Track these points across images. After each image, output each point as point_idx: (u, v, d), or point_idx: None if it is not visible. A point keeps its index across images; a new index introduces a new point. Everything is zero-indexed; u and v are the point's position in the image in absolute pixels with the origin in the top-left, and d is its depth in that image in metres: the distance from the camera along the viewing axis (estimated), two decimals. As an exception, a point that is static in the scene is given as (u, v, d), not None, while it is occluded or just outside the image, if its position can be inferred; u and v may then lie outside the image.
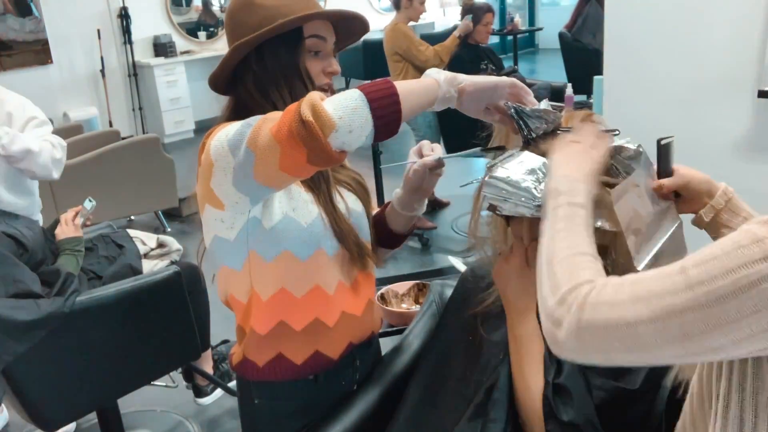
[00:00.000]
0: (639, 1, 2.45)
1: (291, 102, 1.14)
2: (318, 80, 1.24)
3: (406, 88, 1.03)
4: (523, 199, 1.02)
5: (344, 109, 0.97)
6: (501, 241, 1.21)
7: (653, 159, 1.08)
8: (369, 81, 1.32)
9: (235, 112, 1.25)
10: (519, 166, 1.04)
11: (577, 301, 0.73)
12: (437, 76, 1.09)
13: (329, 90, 1.26)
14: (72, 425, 2.46)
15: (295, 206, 1.21)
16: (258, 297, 1.23)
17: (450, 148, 4.25)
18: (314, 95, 0.99)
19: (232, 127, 1.09)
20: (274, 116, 1.02)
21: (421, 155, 1.27)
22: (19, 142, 2.17)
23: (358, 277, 1.32)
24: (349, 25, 1.30)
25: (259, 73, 1.21)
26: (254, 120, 1.06)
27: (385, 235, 1.42)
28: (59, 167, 2.32)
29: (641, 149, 1.06)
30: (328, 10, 1.23)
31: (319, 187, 1.24)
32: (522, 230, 1.12)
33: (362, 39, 1.39)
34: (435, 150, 1.27)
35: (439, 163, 1.26)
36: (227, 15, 1.27)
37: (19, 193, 2.31)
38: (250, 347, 1.27)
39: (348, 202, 1.30)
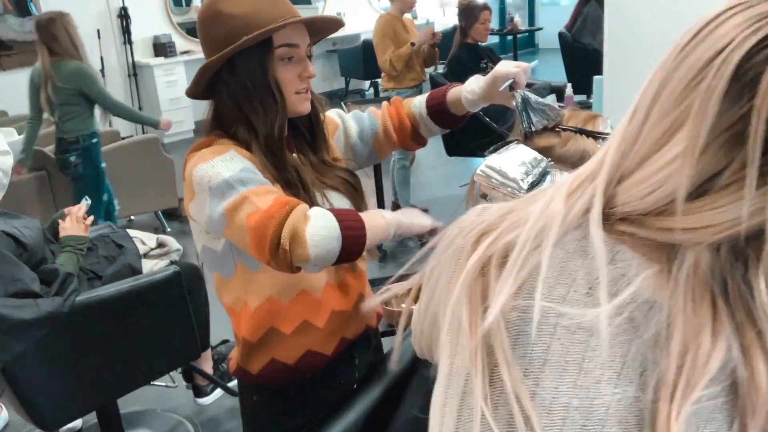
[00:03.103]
0: (639, 1, 2.45)
1: (263, 115, 1.18)
2: (293, 86, 1.21)
3: (373, 230, 1.13)
4: (509, 189, 1.02)
5: (322, 248, 1.05)
6: None
7: None
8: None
9: (216, 120, 1.25)
10: (511, 157, 1.04)
11: None
12: (389, 224, 1.19)
13: (306, 93, 1.24)
14: (78, 421, 2.45)
15: None
16: (247, 306, 1.24)
17: (450, 149, 4.26)
18: (300, 215, 1.06)
19: (214, 172, 1.12)
20: (256, 201, 1.07)
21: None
22: None
23: (347, 276, 1.32)
24: (323, 24, 1.28)
25: (231, 84, 1.20)
26: (238, 183, 1.10)
27: (446, 117, 1.39)
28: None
29: None
30: (296, 20, 1.19)
31: (298, 195, 1.21)
32: None
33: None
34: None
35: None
36: (198, 25, 1.24)
37: None
38: (244, 356, 1.28)
39: (334, 204, 1.28)
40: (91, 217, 2.27)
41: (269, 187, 1.13)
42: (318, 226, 1.04)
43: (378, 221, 1.16)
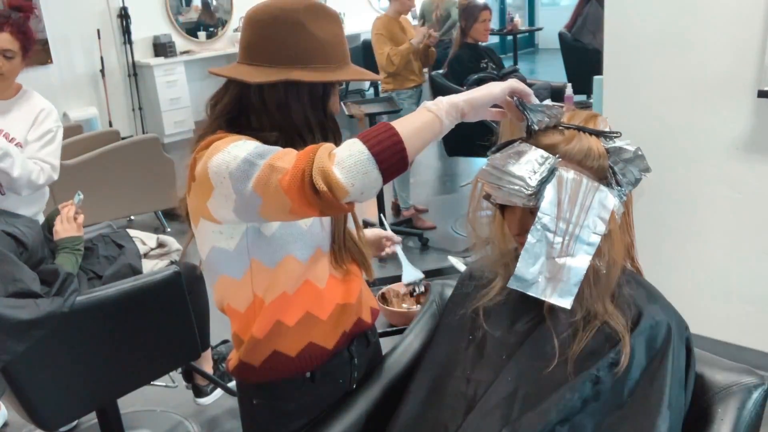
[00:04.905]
0: (639, 1, 2.45)
1: (321, 137, 1.21)
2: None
3: (409, 130, 1.05)
4: (516, 187, 1.02)
5: (355, 175, 1.00)
6: (500, 238, 1.21)
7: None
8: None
9: (233, 116, 1.23)
10: (515, 156, 1.04)
11: None
12: (437, 111, 1.08)
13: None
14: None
15: None
16: (261, 302, 1.24)
17: (450, 149, 4.25)
18: (324, 156, 1.01)
19: (231, 156, 1.09)
20: (281, 164, 1.04)
21: None
22: (6, 161, 2.09)
23: (349, 269, 1.33)
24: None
25: (289, 101, 1.20)
26: (257, 157, 1.07)
27: None
28: (31, 189, 2.22)
29: (640, 152, 1.06)
30: (369, 78, 1.31)
31: None
32: (513, 221, 1.12)
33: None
34: None
35: None
36: (267, 20, 1.19)
37: (32, 201, 2.31)
38: (248, 352, 1.28)
39: None
40: (82, 216, 2.26)
41: (288, 149, 1.10)
42: (343, 156, 1.02)
43: (420, 118, 1.08)
